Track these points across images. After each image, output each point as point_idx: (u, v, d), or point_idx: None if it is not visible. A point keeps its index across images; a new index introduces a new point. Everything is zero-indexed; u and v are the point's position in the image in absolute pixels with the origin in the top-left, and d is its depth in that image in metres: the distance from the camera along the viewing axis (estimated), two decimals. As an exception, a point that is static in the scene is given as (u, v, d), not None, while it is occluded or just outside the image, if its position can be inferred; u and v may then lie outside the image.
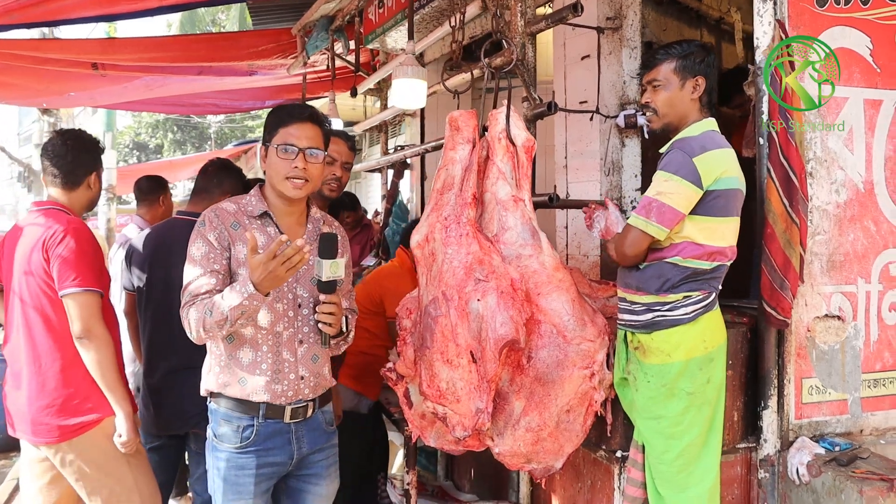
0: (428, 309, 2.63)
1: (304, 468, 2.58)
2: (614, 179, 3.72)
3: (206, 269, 2.41)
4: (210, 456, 2.52)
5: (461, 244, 2.61)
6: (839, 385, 2.93)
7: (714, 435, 2.50)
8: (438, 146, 4.12)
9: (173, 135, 29.10)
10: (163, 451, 3.29)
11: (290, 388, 2.47)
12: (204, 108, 8.99)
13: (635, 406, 2.57)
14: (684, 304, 2.45)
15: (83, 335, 2.77)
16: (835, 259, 2.93)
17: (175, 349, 3.07)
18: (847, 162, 2.95)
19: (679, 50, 2.57)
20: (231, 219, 2.49)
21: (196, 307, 2.35)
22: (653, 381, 2.48)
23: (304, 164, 2.46)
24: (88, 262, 2.84)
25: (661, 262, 2.47)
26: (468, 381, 2.54)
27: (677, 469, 2.46)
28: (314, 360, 2.55)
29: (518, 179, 2.72)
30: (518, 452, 2.67)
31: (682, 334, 2.44)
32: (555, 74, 4.07)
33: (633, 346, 2.57)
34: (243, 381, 2.44)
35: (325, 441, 2.62)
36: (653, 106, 2.61)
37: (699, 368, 2.44)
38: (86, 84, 5.85)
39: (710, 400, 2.47)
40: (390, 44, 5.26)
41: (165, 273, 3.14)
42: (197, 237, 2.46)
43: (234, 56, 5.57)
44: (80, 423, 2.82)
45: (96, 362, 2.79)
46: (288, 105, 2.67)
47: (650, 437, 2.53)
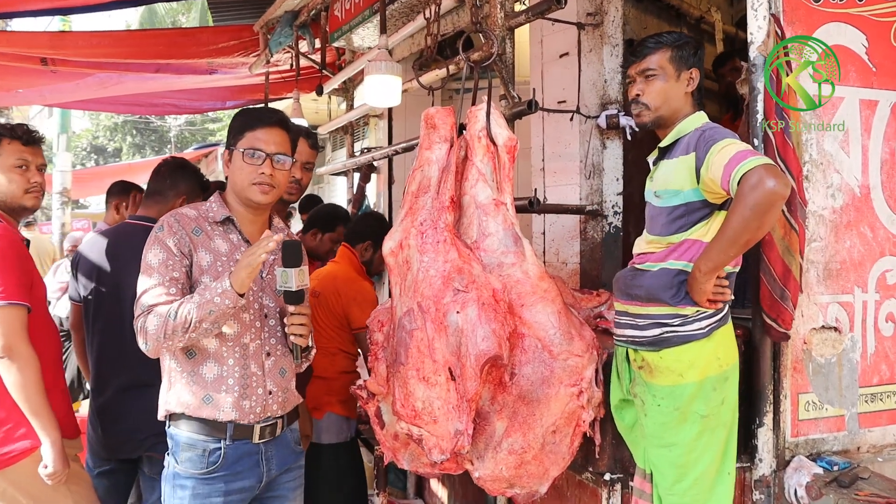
0: (402, 322, 2.42)
1: (270, 490, 2.40)
2: (595, 183, 3.54)
3: (164, 276, 2.22)
4: (169, 486, 2.29)
5: (438, 251, 2.40)
6: (836, 400, 2.78)
7: (728, 460, 2.29)
8: (408, 148, 3.93)
9: (132, 138, 28.51)
10: (112, 476, 3.02)
11: (258, 403, 2.30)
12: (163, 108, 8.65)
13: (644, 432, 2.35)
14: (698, 317, 2.23)
15: (3, 354, 2.46)
16: (831, 267, 2.78)
17: (126, 365, 2.83)
18: (843, 165, 2.80)
19: (672, 39, 2.38)
20: (192, 224, 2.32)
21: (155, 314, 2.16)
22: (664, 405, 2.26)
23: (272, 171, 2.32)
24: (11, 271, 2.52)
25: (673, 270, 2.25)
26: (446, 400, 2.33)
27: (691, 499, 2.25)
28: (282, 374, 2.38)
29: (499, 182, 2.52)
30: (500, 477, 2.47)
31: (695, 352, 2.22)
32: (531, 73, 3.89)
33: (636, 364, 2.35)
34: (208, 399, 2.24)
35: (294, 461, 2.46)
36: (643, 99, 2.40)
37: (713, 389, 2.23)
38: (34, 80, 5.53)
39: (724, 422, 2.26)
40: (357, 42, 5.05)
41: (115, 282, 2.90)
42: (154, 243, 2.27)
43: (193, 53, 5.30)
44: (11, 452, 2.52)
45: (19, 385, 2.48)
46: (255, 108, 2.55)
47: (661, 466, 2.31)
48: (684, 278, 2.23)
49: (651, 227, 2.37)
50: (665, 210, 2.30)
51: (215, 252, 2.30)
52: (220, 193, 2.44)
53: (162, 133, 28.62)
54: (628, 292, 2.38)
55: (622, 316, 2.42)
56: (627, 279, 2.40)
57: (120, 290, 2.87)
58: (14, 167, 2.66)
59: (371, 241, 3.65)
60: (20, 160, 2.68)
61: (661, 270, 2.28)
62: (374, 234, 3.62)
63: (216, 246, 2.31)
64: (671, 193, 2.29)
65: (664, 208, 2.30)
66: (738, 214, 2.00)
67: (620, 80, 3.53)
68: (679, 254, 2.25)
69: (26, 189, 2.69)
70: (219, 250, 2.31)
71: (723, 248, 2.07)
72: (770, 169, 1.98)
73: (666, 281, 2.26)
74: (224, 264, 2.29)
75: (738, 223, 2.00)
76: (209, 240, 2.31)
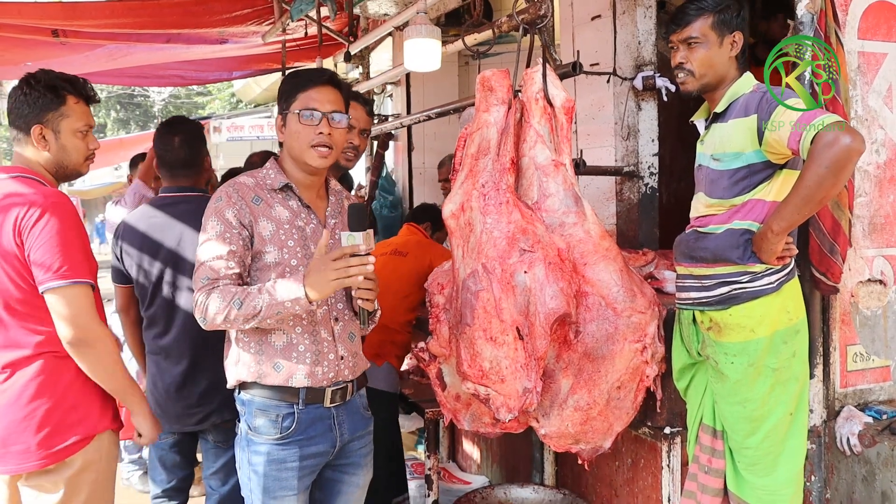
0: (466, 283, 2.44)
1: (342, 457, 2.40)
2: (630, 144, 3.56)
3: (223, 249, 2.20)
4: (244, 452, 2.30)
5: (501, 213, 2.42)
6: (882, 351, 2.85)
7: (801, 413, 2.33)
8: (442, 113, 3.95)
9: (116, 113, 28.18)
10: (177, 446, 3.04)
11: (331, 369, 2.30)
12: (169, 79, 8.53)
13: (719, 391, 2.38)
14: (767, 273, 2.25)
15: (76, 342, 2.21)
16: (876, 221, 2.83)
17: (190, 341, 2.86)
18: (887, 121, 2.85)
19: (713, 3, 2.35)
20: (251, 193, 2.29)
21: (220, 294, 2.14)
22: (737, 361, 2.28)
23: (329, 130, 2.27)
24: (73, 245, 2.24)
25: (738, 230, 2.27)
26: (514, 359, 2.37)
27: (764, 452, 2.29)
28: (351, 339, 2.39)
29: (557, 143, 2.54)
30: (565, 433, 2.52)
31: (766, 306, 2.25)
32: (562, 36, 3.88)
33: (704, 326, 2.37)
34: (279, 367, 2.24)
35: (364, 427, 2.46)
36: (688, 66, 2.39)
37: (784, 342, 2.26)
38: (44, 53, 5.43)
39: (796, 375, 2.30)
40: (372, 9, 5.02)
41: (174, 259, 2.88)
42: (212, 214, 2.25)
43: (208, 22, 5.22)
44: (62, 445, 2.28)
45: (99, 369, 2.28)
46: (305, 70, 2.48)
47: (733, 422, 2.34)
48: (750, 237, 2.25)
49: (711, 191, 2.36)
50: (726, 173, 2.30)
51: (277, 220, 2.27)
52: (275, 159, 2.41)
53: (146, 108, 28.27)
54: (692, 255, 2.39)
55: (686, 279, 2.43)
56: (690, 242, 2.41)
57: (178, 266, 2.87)
58: (78, 131, 2.37)
59: (430, 223, 3.95)
60: (86, 125, 2.40)
61: (727, 231, 2.29)
62: (433, 217, 3.95)
63: (277, 214, 2.28)
64: (731, 156, 2.29)
65: (725, 171, 2.30)
66: (813, 172, 2.01)
67: (654, 41, 3.54)
68: (743, 214, 2.27)
69: (87, 156, 2.44)
70: (280, 218, 2.28)
71: (797, 206, 2.08)
72: (844, 126, 2.01)
73: (732, 241, 2.27)
74: (287, 232, 2.28)
75: (814, 181, 2.01)
76: (269, 208, 2.28)
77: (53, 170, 2.39)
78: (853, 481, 2.78)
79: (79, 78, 2.43)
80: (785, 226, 2.14)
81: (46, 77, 2.36)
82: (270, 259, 2.25)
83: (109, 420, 2.38)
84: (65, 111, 2.35)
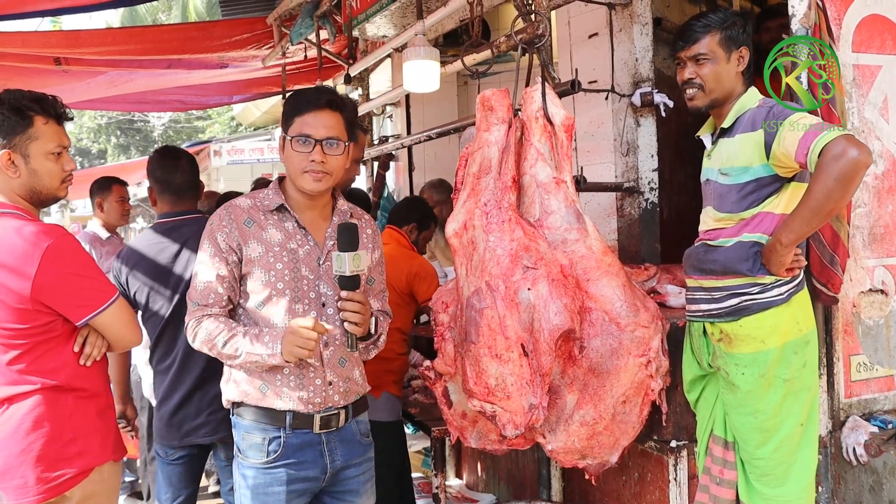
0: (471, 301, 2.46)
1: (338, 484, 2.37)
2: (630, 160, 3.59)
3: (212, 274, 2.26)
4: (236, 471, 2.33)
5: (504, 231, 2.45)
6: (885, 360, 2.86)
7: (812, 423, 2.35)
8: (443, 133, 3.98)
9: (116, 139, 28.27)
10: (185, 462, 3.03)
11: (317, 394, 2.27)
12: (170, 104, 8.62)
13: (730, 402, 2.39)
14: (777, 284, 2.27)
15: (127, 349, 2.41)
16: (875, 231, 2.85)
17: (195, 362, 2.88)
18: (883, 132, 2.87)
19: (719, 20, 2.38)
20: (244, 215, 2.30)
21: (208, 326, 2.23)
22: (748, 372, 2.30)
23: (322, 157, 2.24)
24: (93, 267, 2.28)
25: (748, 242, 2.29)
26: (519, 375, 2.39)
27: (776, 462, 2.30)
28: (342, 364, 2.33)
29: (558, 160, 2.57)
30: (572, 448, 2.53)
31: (776, 317, 2.27)
32: (559, 54, 3.93)
33: (714, 338, 2.39)
34: (264, 388, 2.25)
35: (361, 454, 2.41)
36: (698, 81, 2.40)
37: (794, 353, 2.28)
38: (47, 81, 5.48)
39: (807, 385, 2.31)
40: (371, 31, 5.08)
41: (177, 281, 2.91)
42: (205, 237, 2.31)
43: (208, 48, 5.29)
44: (64, 476, 2.23)
45: None
46: (304, 90, 2.44)
47: (745, 433, 2.36)
48: (759, 249, 2.27)
49: (720, 205, 2.37)
50: (735, 187, 2.32)
51: (267, 243, 2.26)
52: (278, 181, 2.41)
53: (146, 133, 28.37)
54: (702, 267, 2.41)
55: (696, 291, 2.45)
56: (700, 255, 2.43)
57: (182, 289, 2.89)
58: (50, 153, 2.22)
59: (416, 223, 3.67)
60: (58, 146, 2.24)
61: (737, 244, 2.31)
62: (419, 216, 3.68)
63: (269, 236, 2.27)
64: (739, 170, 2.31)
65: (733, 185, 2.32)
66: (821, 185, 2.03)
67: (651, 58, 3.58)
68: (753, 227, 2.30)
69: (62, 179, 2.28)
70: (271, 241, 2.26)
71: (806, 219, 2.10)
72: (851, 139, 2.03)
73: (742, 253, 2.30)
74: (276, 255, 2.26)
75: (822, 194, 2.03)
76: (261, 230, 2.27)
77: (27, 196, 2.25)
78: (860, 491, 2.78)
79: (48, 96, 2.27)
80: (794, 238, 2.16)
81: (11, 97, 2.20)
82: (258, 281, 2.26)
83: (110, 451, 2.34)
84: (33, 133, 2.19)
